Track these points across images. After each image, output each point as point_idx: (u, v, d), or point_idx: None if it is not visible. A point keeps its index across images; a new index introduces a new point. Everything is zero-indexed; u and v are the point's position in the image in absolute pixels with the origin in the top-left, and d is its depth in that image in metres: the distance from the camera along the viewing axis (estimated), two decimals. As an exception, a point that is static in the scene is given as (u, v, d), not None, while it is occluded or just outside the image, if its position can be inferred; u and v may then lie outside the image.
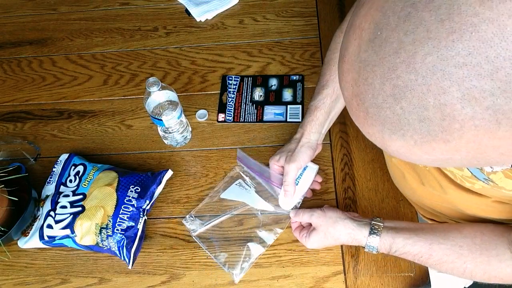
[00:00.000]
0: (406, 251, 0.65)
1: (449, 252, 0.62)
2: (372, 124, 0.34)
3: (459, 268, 0.61)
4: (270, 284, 0.75)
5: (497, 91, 0.27)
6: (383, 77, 0.31)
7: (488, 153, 0.31)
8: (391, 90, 0.31)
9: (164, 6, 1.17)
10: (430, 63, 0.29)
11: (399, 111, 0.31)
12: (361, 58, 0.33)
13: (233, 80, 1.00)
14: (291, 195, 0.77)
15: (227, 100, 0.97)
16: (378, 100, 0.32)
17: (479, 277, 0.60)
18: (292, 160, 0.75)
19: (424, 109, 0.30)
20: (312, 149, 0.78)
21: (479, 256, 0.60)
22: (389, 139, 0.34)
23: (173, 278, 0.77)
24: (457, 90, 0.28)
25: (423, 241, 0.64)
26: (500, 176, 0.52)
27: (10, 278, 0.80)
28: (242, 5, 1.14)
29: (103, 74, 1.05)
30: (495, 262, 0.59)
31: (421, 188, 0.70)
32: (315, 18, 1.09)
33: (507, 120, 0.28)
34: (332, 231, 0.71)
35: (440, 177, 0.63)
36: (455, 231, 0.64)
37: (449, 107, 0.29)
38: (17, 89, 1.05)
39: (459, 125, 0.29)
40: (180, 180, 0.88)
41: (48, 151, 0.94)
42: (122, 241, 0.76)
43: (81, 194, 0.80)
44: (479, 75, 0.27)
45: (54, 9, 1.19)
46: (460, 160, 0.33)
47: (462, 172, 0.57)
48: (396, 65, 0.30)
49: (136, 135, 0.95)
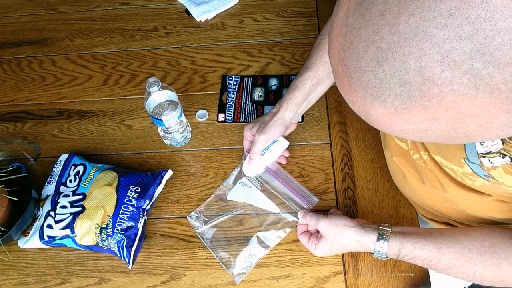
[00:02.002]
0: (415, 256, 0.64)
1: (458, 255, 0.61)
2: (355, 90, 0.35)
3: (469, 271, 0.60)
4: (270, 284, 0.75)
5: (476, 54, 0.28)
6: (367, 39, 0.32)
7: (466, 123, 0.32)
8: (375, 53, 0.31)
9: (164, 6, 1.17)
10: (413, 24, 0.29)
11: (381, 74, 0.32)
12: (348, 22, 0.33)
13: (233, 80, 1.00)
14: (255, 164, 0.82)
15: (227, 100, 0.97)
16: (361, 64, 0.33)
17: (489, 281, 0.59)
18: (262, 132, 0.80)
19: (405, 73, 0.30)
20: (284, 126, 0.81)
21: (488, 259, 0.59)
22: (371, 106, 0.34)
23: (173, 278, 0.78)
24: (438, 52, 0.29)
25: (432, 244, 0.63)
26: (500, 171, 0.52)
27: (10, 278, 0.80)
28: (242, 5, 1.14)
29: (103, 74, 1.05)
30: (505, 265, 0.58)
31: (422, 187, 0.70)
32: (315, 18, 1.09)
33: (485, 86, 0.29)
34: (340, 239, 0.70)
35: (440, 176, 0.63)
36: (463, 235, 0.63)
37: (429, 70, 0.29)
38: (17, 89, 1.05)
39: (438, 90, 0.30)
40: (180, 180, 0.88)
41: (48, 151, 0.94)
42: (122, 241, 0.76)
43: (81, 194, 0.80)
44: (459, 37, 0.28)
45: (54, 9, 1.19)
46: (439, 131, 0.33)
47: (462, 169, 0.57)
48: (380, 27, 0.31)
49: (136, 135, 0.95)
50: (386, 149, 0.76)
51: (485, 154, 0.52)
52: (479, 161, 0.53)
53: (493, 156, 0.51)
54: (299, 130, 0.91)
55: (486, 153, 0.52)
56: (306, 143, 0.90)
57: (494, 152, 0.51)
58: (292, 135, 0.91)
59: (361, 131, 0.90)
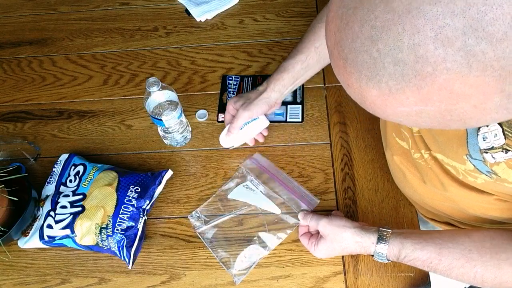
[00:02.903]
0: (415, 257, 0.64)
1: (458, 256, 0.60)
2: (350, 72, 0.35)
3: (469, 273, 0.60)
4: (270, 284, 0.75)
5: (469, 30, 0.28)
6: (362, 19, 0.32)
7: (460, 104, 0.32)
8: (369, 31, 0.32)
9: (164, 6, 1.17)
10: (406, 1, 0.29)
11: (375, 54, 0.32)
12: (345, 3, 0.34)
13: (233, 80, 1.00)
14: (232, 137, 0.85)
15: (227, 100, 0.97)
16: (356, 44, 0.33)
17: (489, 283, 0.59)
18: (247, 108, 0.82)
19: (399, 51, 0.31)
20: (268, 105, 0.84)
21: (489, 260, 0.58)
22: (366, 88, 0.34)
23: (173, 278, 0.78)
24: (431, 29, 0.29)
25: (432, 245, 0.63)
26: (503, 167, 0.52)
27: (10, 278, 0.80)
28: (242, 5, 1.14)
29: (103, 74, 1.05)
30: (506, 266, 0.57)
31: (422, 187, 0.70)
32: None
33: (478, 63, 0.29)
34: (340, 239, 0.70)
35: (441, 175, 0.63)
36: (463, 236, 0.63)
37: (423, 48, 0.30)
38: (17, 89, 1.05)
39: (432, 68, 0.30)
40: (180, 180, 0.88)
41: (48, 151, 0.94)
42: (122, 241, 0.76)
43: (81, 194, 0.80)
44: (452, 13, 0.28)
45: (54, 9, 1.19)
46: (433, 113, 0.33)
47: (464, 166, 0.57)
48: (375, 5, 0.31)
49: (136, 135, 0.95)
50: (387, 149, 0.76)
51: (487, 150, 0.52)
52: (481, 157, 0.53)
53: (496, 152, 0.51)
54: (299, 130, 0.91)
55: (489, 149, 0.52)
56: (306, 143, 0.90)
57: (497, 147, 0.51)
58: (292, 135, 0.91)
59: (361, 131, 0.90)
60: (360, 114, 0.92)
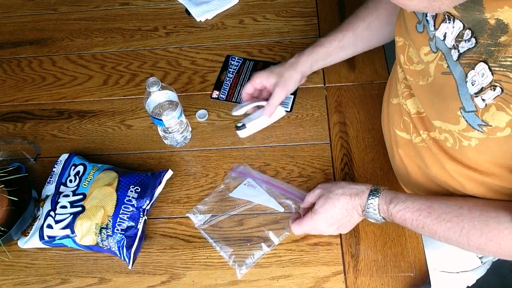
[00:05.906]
0: (406, 206, 0.64)
1: (448, 210, 0.62)
2: None
3: (456, 228, 0.60)
4: (270, 284, 0.75)
5: None
6: None
7: None
8: None
9: (164, 6, 1.17)
10: None
11: None
12: None
13: (235, 61, 1.02)
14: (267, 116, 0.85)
15: (225, 78, 0.99)
16: None
17: (475, 240, 0.59)
18: (285, 86, 0.83)
19: None
20: (300, 80, 0.86)
21: (478, 216, 0.60)
22: None
23: (173, 278, 0.78)
24: None
25: (424, 199, 0.65)
26: (493, 112, 0.52)
27: (10, 278, 0.80)
28: (242, 5, 1.14)
29: (103, 74, 1.05)
30: (493, 223, 0.58)
31: (426, 181, 0.72)
32: (315, 18, 1.09)
33: None
34: (334, 195, 0.70)
35: (440, 154, 0.65)
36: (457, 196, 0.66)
37: None
38: (17, 89, 1.05)
39: None
40: (180, 180, 0.88)
41: (48, 151, 0.94)
42: (122, 241, 0.76)
43: (81, 194, 0.80)
44: None
45: (54, 9, 1.19)
46: None
47: (458, 127, 0.57)
48: None
49: (136, 135, 0.95)
50: (392, 145, 0.76)
51: (477, 93, 0.53)
52: (473, 105, 0.54)
53: (485, 92, 0.52)
54: (299, 130, 0.91)
55: (479, 91, 0.53)
56: (306, 143, 0.90)
57: (486, 86, 0.52)
58: (292, 135, 0.91)
59: (361, 131, 0.90)
60: (360, 114, 0.92)
